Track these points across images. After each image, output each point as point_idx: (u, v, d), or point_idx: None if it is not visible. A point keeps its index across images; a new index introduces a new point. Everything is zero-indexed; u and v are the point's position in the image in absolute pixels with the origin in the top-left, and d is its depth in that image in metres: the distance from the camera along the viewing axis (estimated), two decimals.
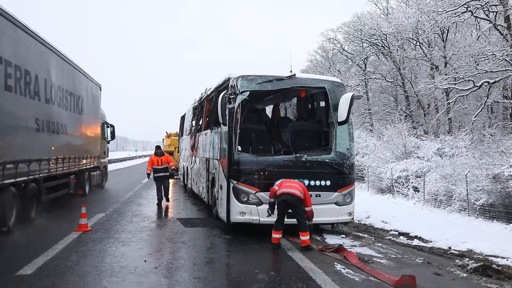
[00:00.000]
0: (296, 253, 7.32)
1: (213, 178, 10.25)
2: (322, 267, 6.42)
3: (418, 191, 15.03)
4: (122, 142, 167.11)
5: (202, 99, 13.24)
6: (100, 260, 6.78)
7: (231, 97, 8.42)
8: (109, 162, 21.76)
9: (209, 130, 11.04)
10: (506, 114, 20.45)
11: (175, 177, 21.93)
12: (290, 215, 7.68)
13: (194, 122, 15.04)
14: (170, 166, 13.56)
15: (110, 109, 31.13)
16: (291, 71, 9.05)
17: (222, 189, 8.92)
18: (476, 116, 18.22)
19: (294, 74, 8.97)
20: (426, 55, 25.08)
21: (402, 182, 16.15)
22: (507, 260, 7.17)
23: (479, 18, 19.07)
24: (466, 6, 17.56)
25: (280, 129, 10.45)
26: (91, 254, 7.17)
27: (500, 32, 17.98)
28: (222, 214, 8.91)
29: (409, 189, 15.61)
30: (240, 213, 8.30)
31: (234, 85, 8.56)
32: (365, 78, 30.42)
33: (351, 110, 8.57)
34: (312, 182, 8.41)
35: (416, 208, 13.70)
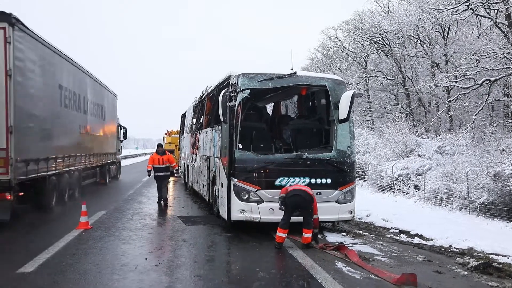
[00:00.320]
0: (297, 251, 7.32)
1: (213, 176, 10.24)
2: (323, 265, 6.43)
3: (419, 189, 15.03)
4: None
5: (203, 97, 13.23)
6: (101, 258, 6.79)
7: (232, 95, 8.41)
8: None
9: (209, 128, 11.04)
10: (507, 112, 20.44)
11: (176, 175, 21.94)
12: (297, 211, 7.69)
13: (195, 120, 15.04)
14: (172, 167, 13.26)
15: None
16: (292, 69, 9.04)
17: (222, 187, 8.92)
18: (477, 114, 18.20)
19: (295, 72, 8.96)
20: (427, 53, 25.05)
21: (402, 180, 16.14)
22: (508, 258, 7.17)
23: (480, 16, 19.03)
24: (467, 4, 17.51)
25: (281, 127, 10.45)
26: (92, 252, 7.18)
27: (501, 30, 17.94)
28: (223, 212, 8.92)
29: (409, 187, 15.60)
30: (240, 211, 8.30)
31: (235, 83, 8.56)
32: (365, 76, 30.38)
33: (352, 108, 8.56)
34: (313, 180, 8.41)
35: (416, 206, 13.69)
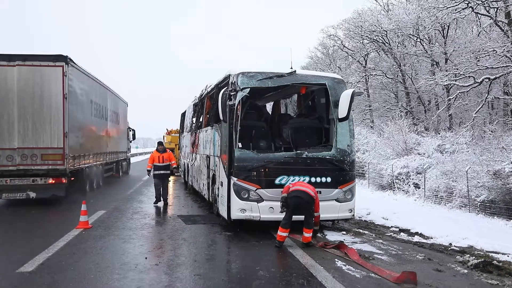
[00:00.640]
0: (297, 249, 7.32)
1: (213, 175, 10.24)
2: (323, 264, 6.43)
3: (419, 188, 15.04)
4: None
5: (203, 96, 13.22)
6: (101, 257, 6.79)
7: (232, 93, 8.40)
8: None
9: (209, 127, 11.03)
10: (506, 110, 20.43)
11: (176, 174, 21.94)
12: (297, 212, 7.67)
13: (194, 119, 15.03)
14: (172, 165, 12.92)
15: None
16: (292, 68, 9.03)
17: (222, 186, 8.92)
18: (476, 112, 18.21)
19: (295, 71, 8.95)
20: (427, 52, 25.04)
21: (402, 178, 16.15)
22: (508, 256, 7.17)
23: (480, 14, 19.00)
24: (467, 2, 17.50)
25: (280, 125, 10.44)
26: (92, 251, 7.18)
27: (500, 28, 17.93)
28: (223, 211, 8.92)
29: (409, 185, 15.61)
30: (240, 210, 8.29)
31: (235, 81, 8.55)
32: (365, 75, 30.37)
33: (352, 106, 8.56)
34: (312, 179, 8.41)
35: (416, 204, 13.70)
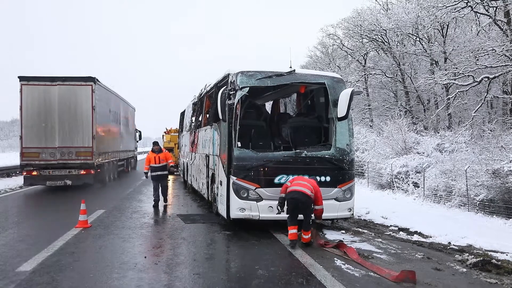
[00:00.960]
0: (296, 249, 7.32)
1: (213, 174, 10.24)
2: (322, 263, 6.44)
3: (418, 187, 15.04)
4: None
5: (202, 95, 13.21)
6: (100, 256, 6.79)
7: (231, 93, 8.40)
8: None
9: (208, 126, 11.03)
10: (505, 109, 20.43)
11: (175, 173, 21.95)
12: (296, 213, 7.65)
13: (193, 118, 15.02)
14: (169, 164, 12.65)
15: None
16: (291, 67, 9.02)
17: (222, 185, 8.92)
18: (475, 111, 18.20)
19: (294, 70, 8.95)
20: (426, 51, 25.04)
21: (402, 177, 16.15)
22: (507, 255, 7.18)
23: (479, 13, 19.00)
24: (466, 1, 17.49)
25: (279, 125, 10.44)
26: (91, 250, 7.18)
27: (500, 27, 17.93)
28: (222, 210, 8.92)
29: (409, 184, 15.61)
30: (240, 209, 8.30)
31: (234, 81, 8.55)
32: (365, 74, 30.34)
33: (351, 105, 8.55)
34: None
35: (416, 203, 13.70)
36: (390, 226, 9.78)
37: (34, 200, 13.66)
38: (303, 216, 7.55)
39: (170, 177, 16.06)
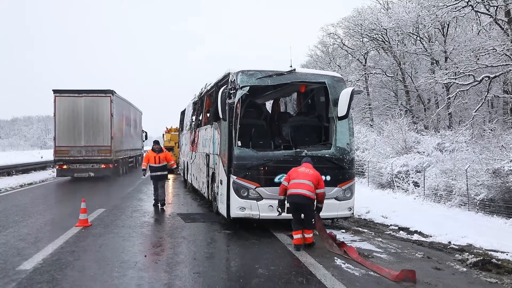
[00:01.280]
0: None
1: (213, 173, 10.24)
2: (322, 262, 6.44)
3: (418, 186, 15.04)
4: None
5: (202, 94, 13.21)
6: (100, 255, 6.80)
7: (231, 92, 8.39)
8: None
9: (209, 125, 11.03)
10: (506, 109, 20.44)
11: (176, 172, 21.97)
12: (298, 214, 7.58)
13: (194, 117, 15.02)
14: (170, 166, 12.17)
15: None
16: (291, 66, 9.02)
17: (222, 184, 8.92)
18: (476, 110, 18.20)
19: (294, 69, 8.94)
20: (427, 50, 25.02)
21: (402, 177, 16.15)
22: (507, 254, 7.19)
23: (480, 12, 18.98)
24: (467, 1, 17.45)
25: (280, 124, 10.43)
26: (92, 249, 7.18)
27: (500, 26, 17.91)
28: (222, 209, 8.92)
29: (409, 184, 15.61)
30: (240, 208, 8.29)
31: (234, 80, 8.54)
32: (365, 73, 30.34)
33: (351, 105, 8.53)
34: None
35: (416, 203, 13.70)
36: (390, 225, 9.78)
37: (36, 198, 13.66)
38: (304, 215, 7.45)
39: (170, 176, 16.11)
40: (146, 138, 31.90)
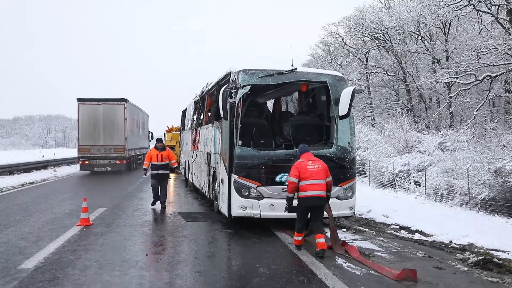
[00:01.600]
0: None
1: (214, 172, 10.25)
2: (323, 261, 6.44)
3: (420, 185, 15.03)
4: None
5: (203, 93, 13.21)
6: (101, 254, 6.80)
7: (232, 91, 8.39)
8: None
9: (210, 124, 11.03)
10: (508, 108, 20.40)
11: (177, 172, 21.97)
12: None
13: (195, 117, 15.03)
14: (171, 164, 11.82)
15: None
16: (292, 65, 9.01)
17: (223, 183, 8.92)
18: (477, 110, 18.16)
19: (295, 68, 8.93)
20: (428, 49, 24.98)
21: (403, 176, 16.14)
22: (508, 253, 7.17)
23: (481, 11, 18.94)
24: (468, 0, 17.45)
25: (281, 123, 10.42)
26: (93, 248, 7.19)
27: (502, 25, 17.87)
28: (223, 208, 8.92)
29: (410, 183, 15.60)
30: (241, 207, 8.29)
31: (235, 79, 8.54)
32: (366, 72, 30.33)
33: (353, 104, 8.51)
34: None
35: (417, 202, 13.69)
36: (391, 224, 9.77)
37: (37, 197, 13.69)
38: (315, 216, 7.09)
39: (172, 175, 16.14)
40: (152, 138, 33.64)
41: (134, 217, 10.15)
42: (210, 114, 11.76)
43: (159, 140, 12.03)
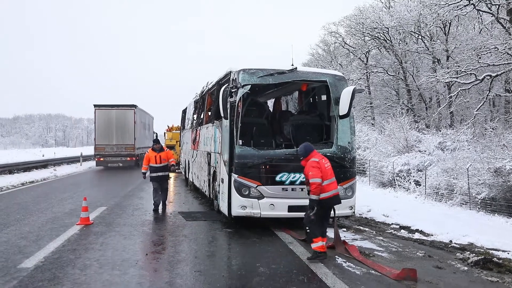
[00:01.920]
0: (297, 246, 7.33)
1: (214, 172, 10.24)
2: (323, 261, 6.43)
3: (420, 185, 15.03)
4: None
5: (204, 93, 13.21)
6: (101, 253, 6.81)
7: (233, 90, 8.39)
8: None
9: (210, 124, 11.03)
10: (508, 108, 20.40)
11: (177, 171, 21.98)
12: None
13: (195, 116, 15.03)
14: (170, 163, 11.36)
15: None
16: (293, 65, 9.01)
17: (223, 182, 8.92)
18: (478, 109, 18.16)
19: (296, 68, 8.93)
20: (428, 49, 24.98)
21: (403, 176, 16.14)
22: (508, 253, 7.17)
23: (482, 11, 18.94)
24: None
25: (281, 122, 10.42)
26: (93, 247, 7.19)
27: (502, 25, 17.87)
28: (224, 208, 8.92)
29: (410, 183, 15.60)
30: (241, 206, 8.29)
31: (235, 78, 8.54)
32: (366, 72, 30.30)
33: (353, 103, 8.51)
34: None
35: (417, 201, 13.69)
36: (392, 224, 9.78)
37: (37, 196, 13.69)
38: (326, 216, 6.90)
39: (172, 174, 16.14)
40: (156, 138, 37.13)
41: (134, 216, 10.15)
42: (210, 113, 11.76)
43: (156, 141, 11.65)
